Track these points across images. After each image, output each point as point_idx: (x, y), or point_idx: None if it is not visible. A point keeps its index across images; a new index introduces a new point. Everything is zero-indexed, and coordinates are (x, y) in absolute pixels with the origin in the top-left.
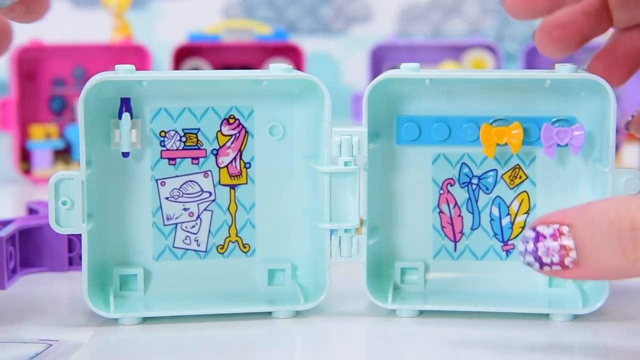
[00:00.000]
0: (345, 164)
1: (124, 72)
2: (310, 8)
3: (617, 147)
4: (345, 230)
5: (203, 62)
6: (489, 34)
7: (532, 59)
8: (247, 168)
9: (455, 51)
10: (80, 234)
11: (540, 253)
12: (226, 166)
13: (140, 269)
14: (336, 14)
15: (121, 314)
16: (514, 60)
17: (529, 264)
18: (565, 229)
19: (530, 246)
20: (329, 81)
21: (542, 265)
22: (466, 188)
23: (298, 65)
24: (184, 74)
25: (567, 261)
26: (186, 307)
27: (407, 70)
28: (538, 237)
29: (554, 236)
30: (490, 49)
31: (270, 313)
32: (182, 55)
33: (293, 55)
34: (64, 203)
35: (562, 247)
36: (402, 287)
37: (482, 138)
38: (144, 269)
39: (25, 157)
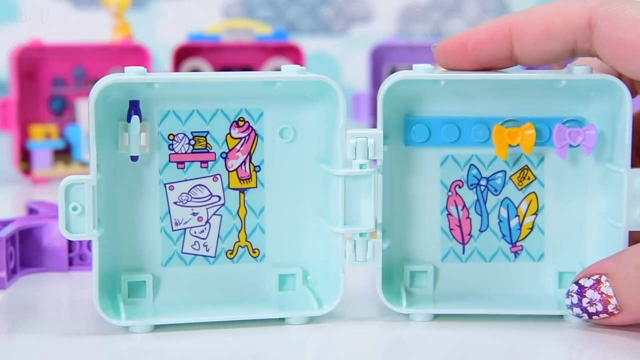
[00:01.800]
0: (360, 166)
1: (134, 73)
2: (310, 8)
3: None
4: (360, 235)
5: (203, 62)
6: None
7: None
8: (256, 171)
9: None
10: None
11: (584, 304)
12: (235, 170)
13: (149, 276)
14: (336, 14)
15: (132, 322)
16: None
17: (579, 316)
18: (603, 278)
19: (575, 299)
20: None
21: (590, 315)
22: (474, 190)
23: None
24: (194, 76)
25: (610, 308)
26: (196, 314)
27: (421, 71)
28: (581, 290)
29: (594, 287)
30: None
31: (282, 319)
32: (182, 56)
33: (293, 55)
34: (74, 208)
35: (603, 296)
36: (412, 291)
37: (495, 139)
38: (152, 276)
39: (25, 157)
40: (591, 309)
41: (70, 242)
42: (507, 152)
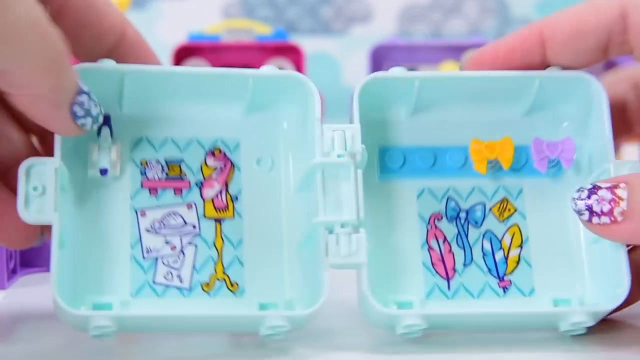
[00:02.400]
0: (339, 156)
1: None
2: (310, 8)
3: (616, 148)
4: (342, 226)
5: (203, 62)
6: (489, 34)
7: None
8: (233, 201)
9: (456, 51)
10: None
11: (592, 201)
12: (211, 199)
13: (116, 299)
14: (336, 14)
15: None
16: None
17: (579, 212)
18: (622, 184)
19: (585, 194)
20: (329, 81)
21: (591, 214)
22: (454, 222)
23: (298, 66)
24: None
25: (616, 212)
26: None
27: (396, 72)
28: (594, 188)
29: (609, 188)
30: None
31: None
32: (182, 56)
33: (293, 55)
34: (34, 188)
35: (615, 196)
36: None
37: (472, 153)
38: (120, 304)
39: None
40: (596, 208)
41: None
42: (486, 166)
